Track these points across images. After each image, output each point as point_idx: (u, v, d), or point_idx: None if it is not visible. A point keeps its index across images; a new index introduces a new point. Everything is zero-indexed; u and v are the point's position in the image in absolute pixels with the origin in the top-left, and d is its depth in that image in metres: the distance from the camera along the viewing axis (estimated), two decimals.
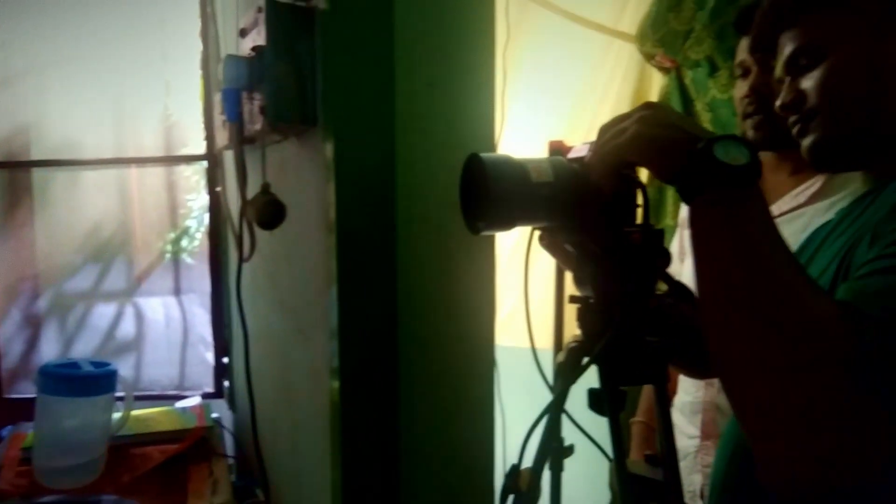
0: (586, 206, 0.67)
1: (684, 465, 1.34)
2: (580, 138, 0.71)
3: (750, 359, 0.55)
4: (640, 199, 0.68)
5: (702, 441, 1.34)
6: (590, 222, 0.68)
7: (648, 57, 1.82)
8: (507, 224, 0.68)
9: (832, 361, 0.52)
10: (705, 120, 1.73)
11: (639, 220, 0.69)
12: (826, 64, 0.73)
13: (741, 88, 1.27)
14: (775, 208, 1.24)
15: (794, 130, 0.78)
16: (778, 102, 0.78)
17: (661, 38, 1.74)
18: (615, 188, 0.66)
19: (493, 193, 0.64)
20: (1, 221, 1.78)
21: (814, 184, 1.22)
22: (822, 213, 1.15)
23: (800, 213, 1.22)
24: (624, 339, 0.67)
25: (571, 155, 0.71)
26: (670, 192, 1.82)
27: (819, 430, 0.52)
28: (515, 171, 0.66)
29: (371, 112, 0.89)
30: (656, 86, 1.87)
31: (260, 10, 0.90)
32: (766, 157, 1.26)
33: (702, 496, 1.33)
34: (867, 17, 0.71)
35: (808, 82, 0.75)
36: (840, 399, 0.51)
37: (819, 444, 0.52)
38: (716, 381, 1.29)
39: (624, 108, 1.84)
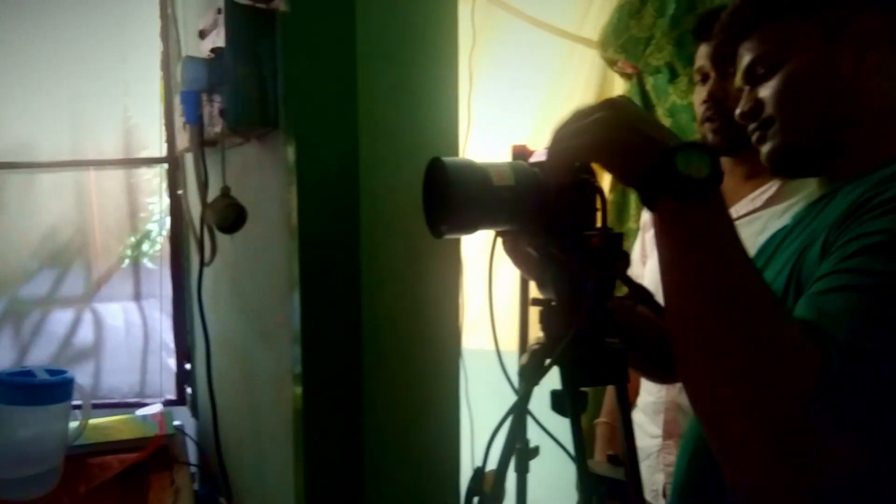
0: (546, 210, 0.68)
1: (647, 465, 1.36)
2: (544, 143, 0.71)
3: (711, 370, 0.55)
4: (598, 204, 0.69)
5: (664, 440, 1.36)
6: (550, 225, 0.69)
7: (610, 63, 1.85)
8: (470, 228, 0.68)
9: (797, 377, 0.51)
10: (665, 125, 1.76)
11: (598, 223, 0.70)
12: (782, 73, 0.75)
13: (700, 94, 1.30)
14: (732, 212, 1.26)
15: (754, 138, 0.79)
16: (737, 111, 0.80)
17: (622, 44, 1.76)
18: (574, 191, 0.66)
19: (455, 197, 0.65)
20: None
21: (770, 187, 1.25)
22: (779, 217, 1.18)
23: (756, 217, 1.25)
24: (584, 341, 0.67)
25: (533, 159, 0.72)
26: (633, 196, 1.85)
27: (783, 452, 0.51)
28: (477, 175, 0.66)
29: (333, 115, 0.89)
30: (618, 91, 1.90)
31: (219, 11, 0.89)
32: (723, 161, 1.29)
33: (664, 495, 1.35)
34: (821, 27, 0.73)
35: (765, 91, 0.77)
36: (804, 418, 0.50)
37: (781, 465, 0.51)
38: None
39: None
